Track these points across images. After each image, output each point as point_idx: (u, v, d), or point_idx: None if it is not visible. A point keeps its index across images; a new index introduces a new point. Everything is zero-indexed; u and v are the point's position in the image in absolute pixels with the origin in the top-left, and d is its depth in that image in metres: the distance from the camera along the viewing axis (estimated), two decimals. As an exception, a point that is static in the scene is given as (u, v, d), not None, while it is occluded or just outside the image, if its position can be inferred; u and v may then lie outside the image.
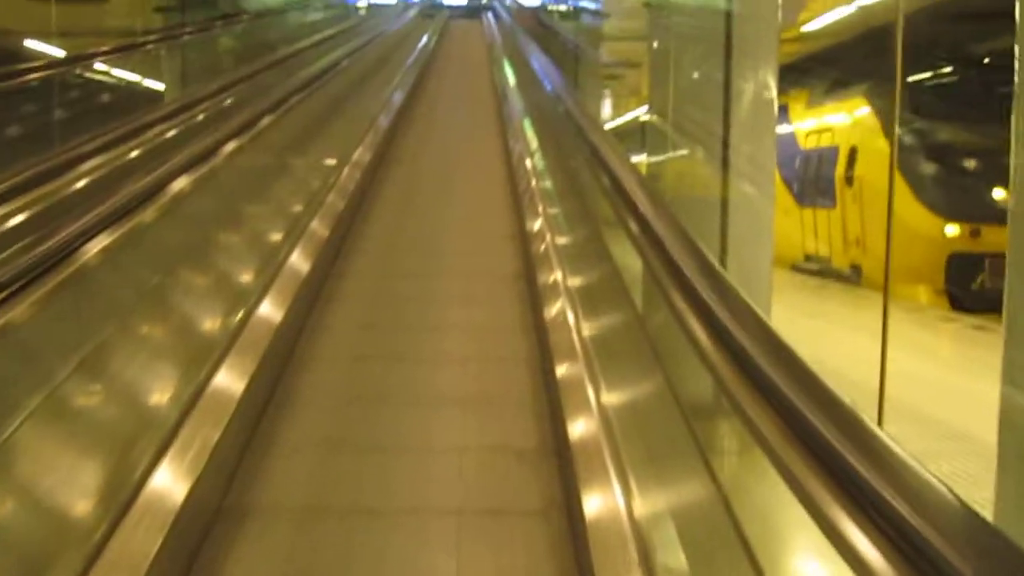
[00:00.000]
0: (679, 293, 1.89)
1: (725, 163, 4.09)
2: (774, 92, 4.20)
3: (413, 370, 3.14)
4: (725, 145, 4.05)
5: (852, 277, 10.41)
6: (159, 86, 7.07)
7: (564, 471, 2.33)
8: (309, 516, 2.20)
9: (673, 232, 2.09)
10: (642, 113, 13.56)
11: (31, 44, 7.82)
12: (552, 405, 2.71)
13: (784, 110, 11.35)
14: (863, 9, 9.95)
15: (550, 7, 15.75)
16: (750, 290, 1.67)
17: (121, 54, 5.26)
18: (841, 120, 11.31)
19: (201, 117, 3.80)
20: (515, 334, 3.46)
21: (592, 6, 13.58)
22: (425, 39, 12.86)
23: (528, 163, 5.67)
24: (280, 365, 2.95)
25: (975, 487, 3.42)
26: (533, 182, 5.19)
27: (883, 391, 3.63)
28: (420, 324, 3.65)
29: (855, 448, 1.07)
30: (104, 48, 5.06)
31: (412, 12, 18.26)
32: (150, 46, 5.94)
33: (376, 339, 3.51)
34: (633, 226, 2.41)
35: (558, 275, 3.55)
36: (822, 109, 11.96)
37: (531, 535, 2.10)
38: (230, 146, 3.12)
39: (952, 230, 9.33)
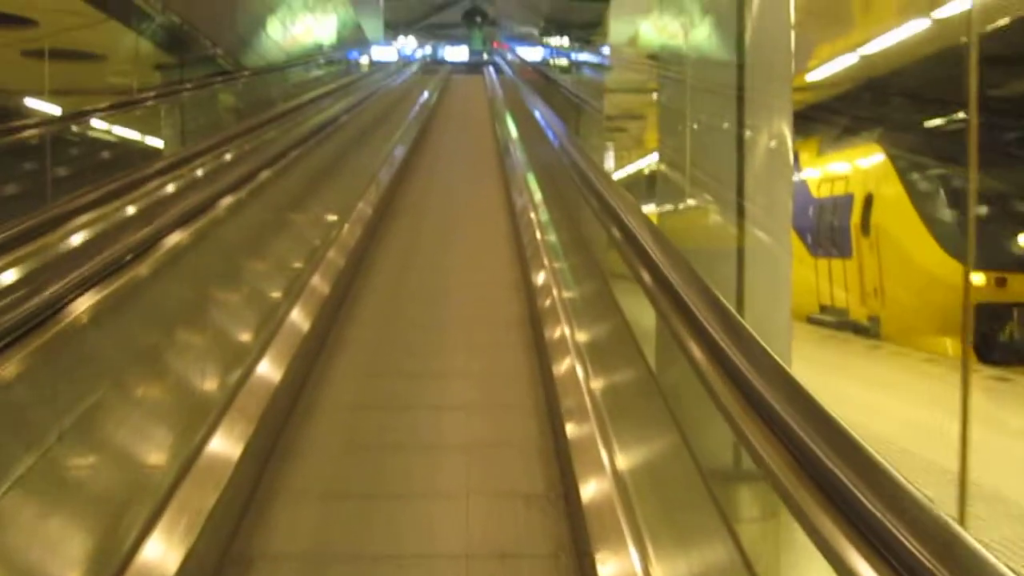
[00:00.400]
0: (699, 347, 1.83)
1: (740, 213, 4.07)
2: (789, 141, 4.21)
3: (418, 417, 3.11)
4: (740, 194, 4.04)
5: (871, 329, 10.30)
6: (158, 143, 7.18)
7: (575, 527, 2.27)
8: (315, 563, 2.19)
9: (690, 283, 2.04)
10: (646, 164, 13.70)
11: (31, 103, 7.97)
12: (561, 463, 2.64)
13: (794, 158, 11.49)
14: (865, 59, 10.12)
15: (551, 61, 16.13)
16: (768, 343, 1.62)
17: (117, 111, 5.33)
18: (855, 167, 11.33)
19: (199, 172, 3.80)
20: (521, 384, 3.41)
21: (593, 59, 13.86)
22: (427, 94, 13.07)
23: (532, 216, 5.68)
24: (281, 419, 2.91)
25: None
26: (538, 234, 5.18)
27: (964, 475, 3.46)
28: (425, 372, 3.63)
29: (900, 519, 1.01)
30: (101, 106, 5.12)
31: (414, 67, 18.66)
32: (149, 103, 6.03)
33: (380, 388, 3.49)
34: (647, 277, 2.36)
35: (566, 329, 3.50)
36: (834, 156, 12.02)
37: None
38: (227, 200, 3.11)
39: (979, 279, 9.17)
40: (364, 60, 16.40)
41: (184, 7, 7.34)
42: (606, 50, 11.98)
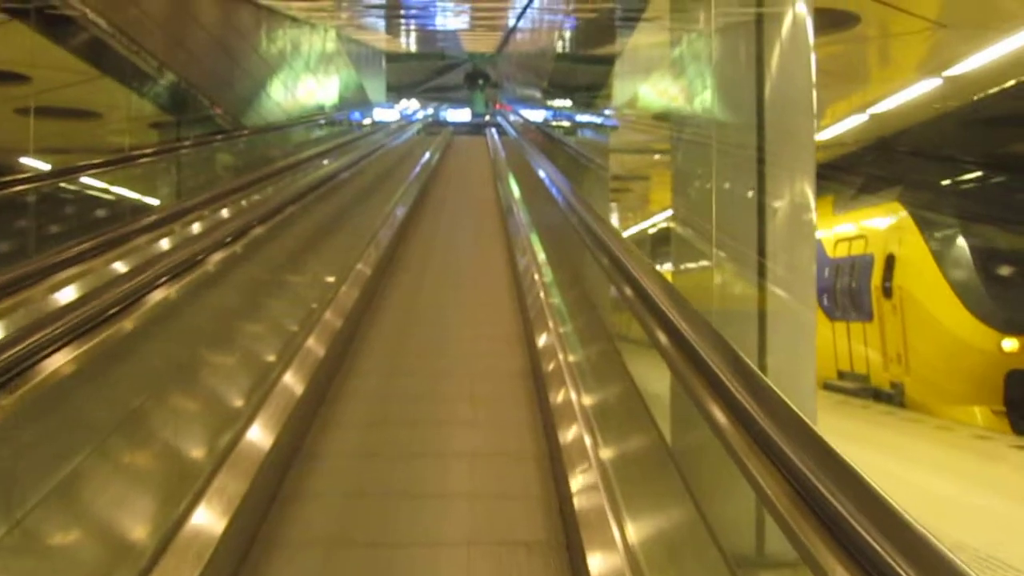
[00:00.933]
0: (723, 410, 1.75)
1: (761, 273, 4.02)
2: (812, 201, 4.18)
3: (418, 506, 2.95)
4: (761, 254, 3.98)
5: (894, 396, 10.10)
6: (154, 202, 7.20)
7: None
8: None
9: (711, 343, 1.97)
10: (651, 224, 13.70)
11: (26, 161, 8.05)
12: (569, 541, 2.52)
13: None
14: (875, 117, 10.24)
15: (554, 123, 16.36)
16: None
17: (106, 169, 5.35)
18: (874, 226, 11.16)
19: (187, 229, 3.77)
20: (525, 460, 3.28)
21: (597, 120, 14.06)
22: (428, 154, 13.23)
23: (536, 277, 5.64)
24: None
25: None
26: (541, 295, 5.13)
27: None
28: (422, 451, 3.47)
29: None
30: (94, 161, 5.14)
31: (416, 127, 18.97)
32: (142, 160, 6.06)
33: (378, 469, 3.33)
34: (663, 338, 2.29)
35: (572, 395, 3.40)
36: (850, 215, 11.94)
37: None
38: (218, 255, 3.05)
39: (1010, 345, 8.96)
40: (367, 121, 16.66)
41: (183, 67, 7.48)
42: (610, 111, 12.13)
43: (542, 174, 7.31)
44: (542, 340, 4.28)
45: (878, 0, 6.81)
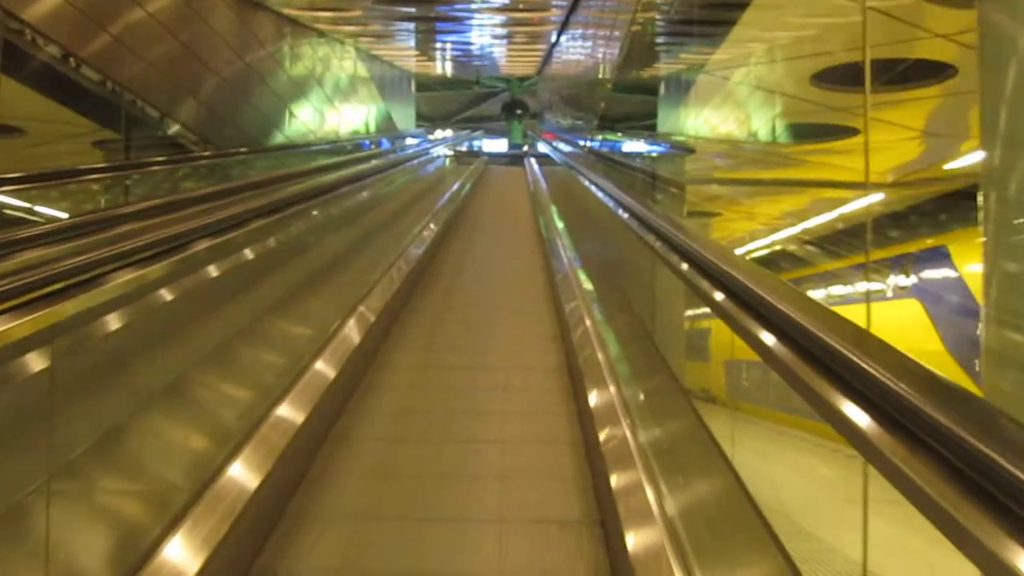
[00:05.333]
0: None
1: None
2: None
3: None
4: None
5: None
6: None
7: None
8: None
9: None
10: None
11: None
12: None
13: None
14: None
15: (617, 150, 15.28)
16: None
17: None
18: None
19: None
20: None
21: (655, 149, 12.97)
22: (458, 184, 12.32)
23: (589, 329, 4.59)
24: None
25: None
26: (600, 356, 4.06)
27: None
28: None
29: None
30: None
31: (446, 159, 18.16)
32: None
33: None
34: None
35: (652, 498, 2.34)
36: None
37: None
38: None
39: None
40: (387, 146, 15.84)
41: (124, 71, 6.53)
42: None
43: (602, 195, 6.19)
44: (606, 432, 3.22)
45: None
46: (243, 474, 2.76)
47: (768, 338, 1.75)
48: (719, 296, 2.18)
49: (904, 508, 1.26)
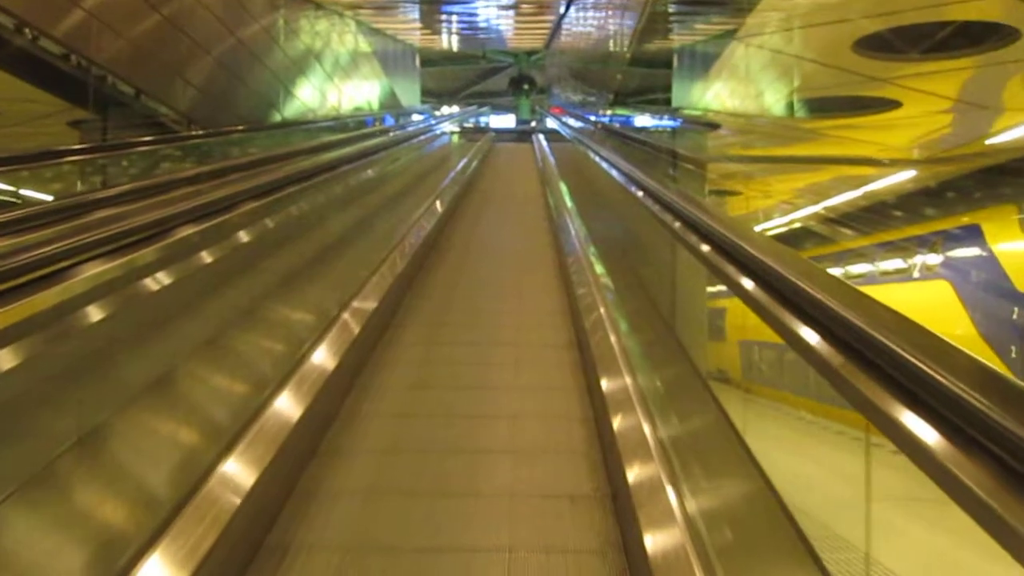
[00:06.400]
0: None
1: None
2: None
3: None
4: None
5: None
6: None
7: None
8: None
9: None
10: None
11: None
12: None
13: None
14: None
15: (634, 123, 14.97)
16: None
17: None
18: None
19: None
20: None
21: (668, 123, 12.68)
22: (466, 160, 12.14)
23: (600, 311, 4.38)
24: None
25: None
26: (612, 338, 3.88)
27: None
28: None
29: None
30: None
31: (453, 135, 17.97)
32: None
33: None
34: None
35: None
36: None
37: None
38: None
39: None
40: (390, 123, 15.64)
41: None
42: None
43: (615, 173, 5.98)
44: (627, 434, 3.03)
45: None
46: (285, 407, 3.04)
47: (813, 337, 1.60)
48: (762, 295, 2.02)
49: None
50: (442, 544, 2.63)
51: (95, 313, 2.65)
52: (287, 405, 3.04)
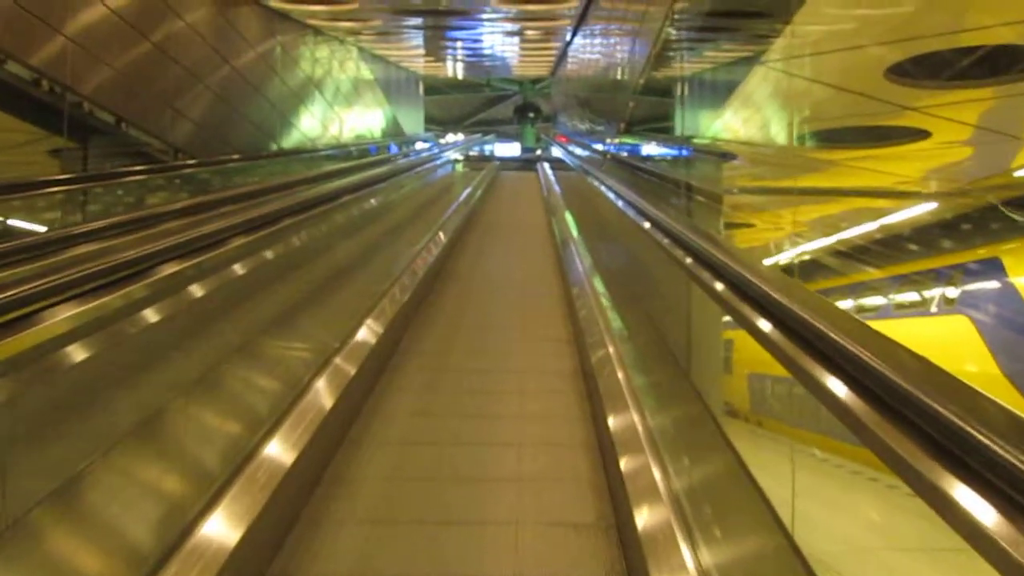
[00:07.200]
0: None
1: None
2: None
3: None
4: None
5: None
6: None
7: None
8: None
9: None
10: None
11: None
12: None
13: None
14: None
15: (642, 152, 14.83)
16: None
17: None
18: None
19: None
20: None
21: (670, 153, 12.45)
22: (468, 190, 12.09)
23: (608, 348, 4.34)
24: None
25: None
26: (628, 398, 3.80)
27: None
28: None
29: None
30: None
31: (457, 164, 17.96)
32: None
33: None
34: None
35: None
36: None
37: None
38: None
39: None
40: (395, 152, 15.62)
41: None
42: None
43: (621, 204, 5.89)
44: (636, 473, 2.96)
45: None
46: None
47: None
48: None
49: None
50: None
51: (75, 354, 2.56)
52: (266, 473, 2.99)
